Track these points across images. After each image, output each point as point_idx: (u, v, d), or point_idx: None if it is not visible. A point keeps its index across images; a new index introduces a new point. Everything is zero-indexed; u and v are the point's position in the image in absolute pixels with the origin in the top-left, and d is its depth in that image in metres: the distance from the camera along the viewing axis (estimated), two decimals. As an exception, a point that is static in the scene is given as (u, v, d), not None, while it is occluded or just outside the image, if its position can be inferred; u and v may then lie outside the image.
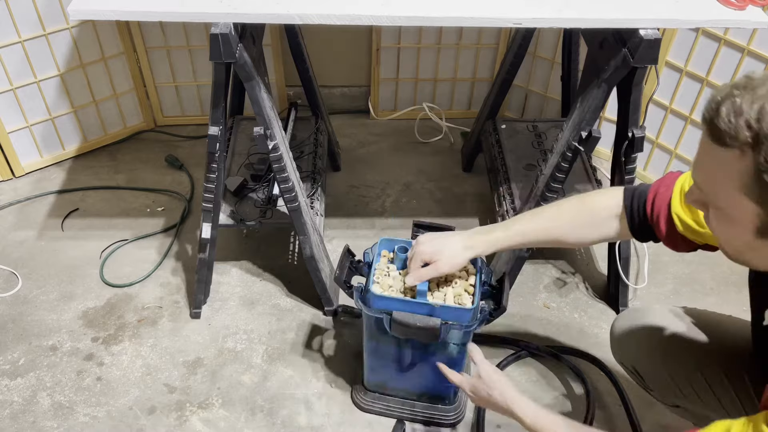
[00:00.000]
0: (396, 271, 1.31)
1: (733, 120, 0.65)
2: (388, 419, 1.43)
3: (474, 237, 1.15)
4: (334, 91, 2.37)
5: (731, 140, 0.66)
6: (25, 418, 1.43)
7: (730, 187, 0.69)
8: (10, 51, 1.90)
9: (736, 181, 0.68)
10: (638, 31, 1.23)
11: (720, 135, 0.67)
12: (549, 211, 1.13)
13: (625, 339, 1.17)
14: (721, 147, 0.68)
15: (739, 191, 0.69)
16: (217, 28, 1.19)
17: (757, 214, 0.69)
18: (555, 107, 2.24)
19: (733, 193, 0.69)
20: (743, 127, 0.65)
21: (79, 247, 1.84)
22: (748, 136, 0.65)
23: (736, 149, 0.66)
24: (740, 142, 0.65)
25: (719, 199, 0.73)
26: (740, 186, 0.68)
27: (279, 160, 1.40)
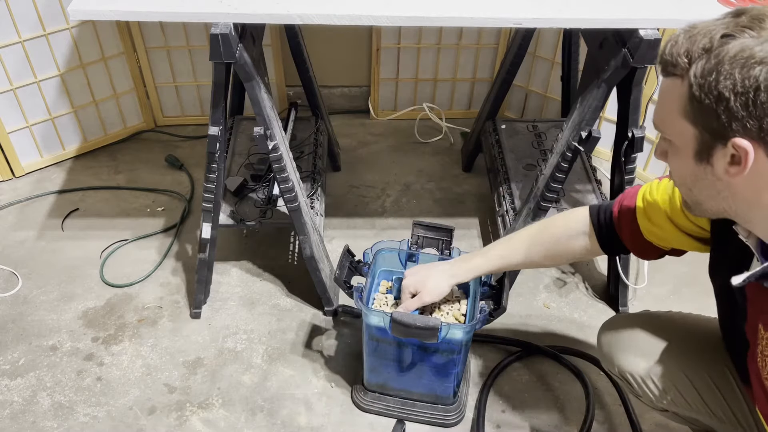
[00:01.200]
0: (394, 300, 1.38)
1: (674, 51, 0.74)
2: (388, 419, 1.43)
3: (455, 266, 1.25)
4: (334, 91, 2.37)
5: (672, 68, 0.75)
6: (25, 418, 1.43)
7: (674, 114, 0.77)
8: (10, 51, 1.90)
9: (677, 105, 0.76)
10: (638, 31, 1.23)
11: (665, 65, 0.76)
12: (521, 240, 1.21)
13: (612, 348, 1.18)
14: (666, 78, 0.77)
15: (679, 115, 0.76)
16: (217, 28, 1.19)
17: (695, 135, 0.76)
18: (555, 107, 2.24)
19: (676, 120, 0.77)
20: (681, 54, 0.74)
21: (79, 247, 1.84)
22: (685, 61, 0.73)
23: (677, 77, 0.75)
24: (680, 68, 0.74)
25: (668, 130, 0.80)
26: (680, 109, 0.76)
27: (279, 160, 1.40)
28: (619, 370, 1.16)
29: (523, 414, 1.45)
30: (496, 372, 1.52)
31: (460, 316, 1.32)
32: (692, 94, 0.73)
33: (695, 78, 0.72)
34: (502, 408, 1.46)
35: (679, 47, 0.74)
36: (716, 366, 1.07)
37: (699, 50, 0.72)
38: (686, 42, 0.74)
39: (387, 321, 1.22)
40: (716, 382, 1.07)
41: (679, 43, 0.74)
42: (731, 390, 1.05)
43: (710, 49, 0.71)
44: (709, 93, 0.71)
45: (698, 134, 0.75)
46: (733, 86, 0.69)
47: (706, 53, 0.72)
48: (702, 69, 0.71)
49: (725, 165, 0.74)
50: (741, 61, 0.69)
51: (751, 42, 0.69)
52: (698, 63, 0.72)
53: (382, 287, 1.41)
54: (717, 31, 0.72)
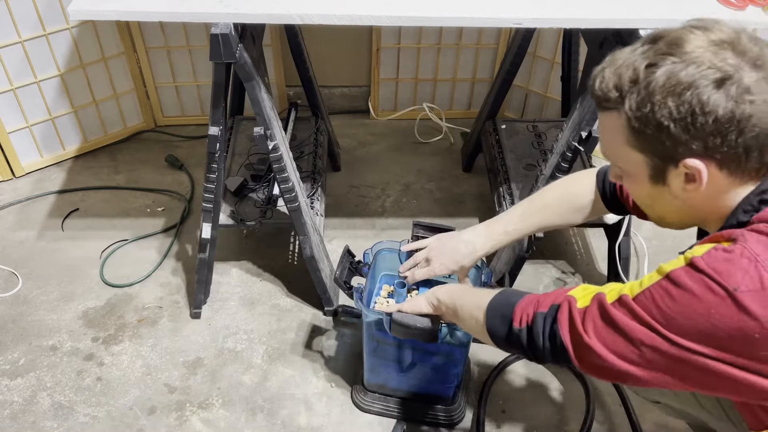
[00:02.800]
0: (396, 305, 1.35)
1: (603, 87, 0.77)
2: (388, 419, 1.43)
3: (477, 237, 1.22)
4: (334, 91, 2.37)
5: (606, 103, 0.77)
6: (25, 418, 1.43)
7: (619, 145, 0.79)
8: (10, 51, 1.90)
9: (621, 136, 0.78)
10: (638, 31, 1.23)
11: (598, 101, 0.78)
12: (536, 205, 1.22)
13: None
14: (603, 112, 0.79)
15: (625, 145, 0.78)
16: (217, 29, 1.19)
17: (645, 162, 0.78)
18: (555, 107, 2.24)
19: (623, 149, 0.79)
20: (611, 89, 0.76)
21: (79, 247, 1.84)
22: (617, 95, 0.75)
23: (613, 111, 0.77)
24: (613, 102, 0.76)
25: (618, 159, 0.82)
26: (625, 140, 0.78)
27: (279, 160, 1.40)
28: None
29: (523, 414, 1.45)
30: (496, 372, 1.52)
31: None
32: (632, 126, 0.75)
33: (631, 111, 0.74)
34: (502, 408, 1.46)
35: (608, 82, 0.76)
36: None
37: (627, 83, 0.74)
38: (613, 76, 0.76)
39: (387, 321, 1.22)
40: None
41: (606, 78, 0.77)
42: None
43: (638, 81, 0.74)
44: (648, 124, 0.74)
45: (648, 160, 0.78)
46: (669, 114, 0.71)
47: (635, 85, 0.74)
48: (636, 102, 0.74)
49: (681, 184, 0.77)
50: (670, 89, 0.71)
51: (675, 68, 0.71)
52: (630, 96, 0.74)
53: (383, 291, 1.41)
54: (639, 61, 0.74)
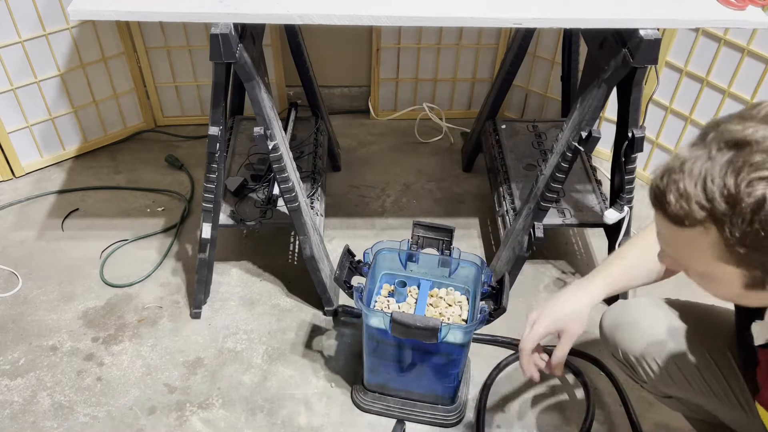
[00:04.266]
0: (396, 304, 1.38)
1: (685, 205, 0.67)
2: (388, 419, 1.43)
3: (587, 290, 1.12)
4: (334, 91, 2.37)
5: (690, 222, 0.68)
6: (25, 418, 1.43)
7: (706, 258, 0.71)
8: (10, 51, 1.90)
9: (710, 252, 0.70)
10: (638, 31, 1.23)
11: (678, 219, 0.69)
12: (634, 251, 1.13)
13: (614, 330, 1.18)
14: (683, 228, 0.70)
15: (716, 260, 0.70)
16: (217, 29, 1.19)
17: (741, 274, 0.71)
18: (555, 107, 2.24)
19: (710, 262, 0.71)
20: (697, 209, 0.67)
21: (79, 247, 1.84)
22: (705, 215, 0.67)
23: (698, 227, 0.68)
24: (699, 221, 0.68)
25: (699, 266, 0.74)
26: (716, 256, 0.70)
27: (279, 160, 1.40)
28: (622, 353, 1.16)
29: (523, 414, 1.45)
30: (496, 372, 1.52)
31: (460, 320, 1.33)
32: (730, 247, 0.67)
33: (732, 236, 0.66)
34: (502, 408, 1.46)
35: (689, 199, 0.67)
36: (719, 349, 1.07)
37: (722, 205, 0.65)
38: (695, 192, 0.66)
39: (387, 321, 1.22)
40: (719, 364, 1.07)
41: (685, 194, 0.67)
42: (733, 374, 1.06)
43: (737, 203, 0.64)
44: (758, 242, 0.65)
45: (746, 273, 0.71)
46: None
47: (734, 207, 0.65)
48: (739, 227, 0.65)
49: None
50: None
51: None
52: (729, 220, 0.65)
53: (384, 291, 1.41)
54: (731, 176, 0.64)
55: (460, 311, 1.34)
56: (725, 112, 1.82)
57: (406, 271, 1.41)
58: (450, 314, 1.33)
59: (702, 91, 1.87)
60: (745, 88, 1.78)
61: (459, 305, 1.36)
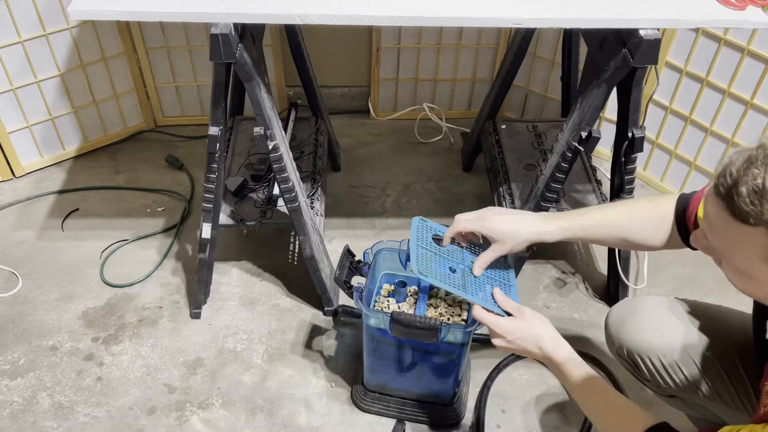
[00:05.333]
0: (396, 304, 1.37)
1: (757, 202, 0.64)
2: (388, 419, 1.43)
3: (546, 223, 1.11)
4: (334, 91, 2.37)
5: (756, 220, 0.65)
6: (25, 418, 1.43)
7: (752, 257, 0.69)
8: (10, 51, 1.90)
9: (761, 252, 0.67)
10: (638, 31, 1.23)
11: (742, 214, 0.66)
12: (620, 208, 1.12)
13: (620, 328, 1.18)
14: (743, 224, 0.67)
15: (762, 261, 0.68)
16: (217, 29, 1.19)
17: None
18: (555, 107, 2.24)
19: (755, 262, 0.69)
20: (764, 211, 0.64)
21: (79, 247, 1.84)
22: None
23: (761, 227, 0.65)
24: (765, 222, 0.64)
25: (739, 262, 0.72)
26: (763, 257, 0.67)
27: (279, 160, 1.40)
28: (627, 350, 1.16)
29: (522, 414, 1.45)
30: (496, 372, 1.52)
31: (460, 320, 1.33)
32: None
33: None
34: (502, 408, 1.46)
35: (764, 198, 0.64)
36: (724, 352, 1.07)
37: None
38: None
39: (387, 321, 1.22)
40: (724, 366, 1.07)
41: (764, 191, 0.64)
42: (738, 376, 1.05)
43: None
44: None
45: None
46: None
47: None
48: None
49: None
50: None
51: None
52: None
53: (384, 291, 1.41)
54: None
55: (459, 311, 1.34)
56: (725, 112, 1.85)
57: (406, 271, 1.41)
58: (450, 314, 1.33)
59: (702, 91, 1.87)
60: (745, 88, 1.78)
61: (459, 305, 1.36)
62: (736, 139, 1.85)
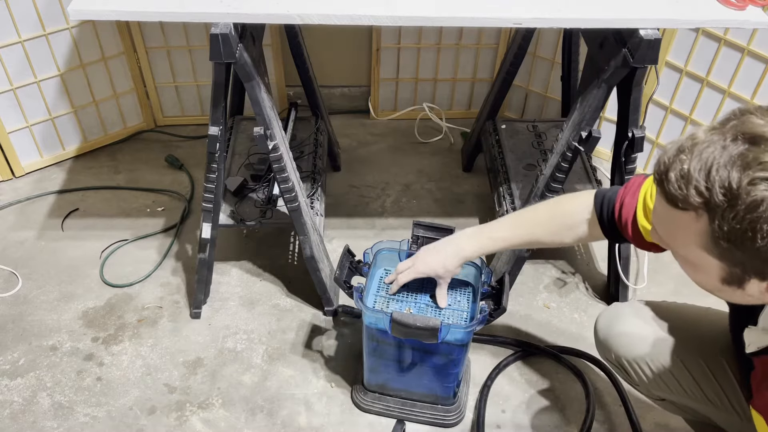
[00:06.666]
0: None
1: (683, 186, 0.66)
2: (388, 419, 1.43)
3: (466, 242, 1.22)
4: (334, 91, 2.37)
5: (684, 204, 0.67)
6: (25, 418, 1.43)
7: (690, 243, 0.71)
8: (10, 51, 1.90)
9: (695, 239, 0.70)
10: (638, 31, 1.23)
11: (673, 199, 0.68)
12: (527, 217, 1.20)
13: (608, 334, 1.19)
14: (675, 209, 0.69)
15: (699, 248, 0.70)
16: (217, 29, 1.19)
17: (720, 267, 0.71)
18: (555, 107, 2.24)
19: (694, 249, 0.71)
20: (694, 194, 0.66)
21: (79, 247, 1.84)
22: (700, 201, 0.66)
23: (691, 212, 0.68)
24: (693, 206, 0.67)
25: (682, 250, 0.74)
26: (700, 244, 0.70)
27: (279, 160, 1.40)
28: (615, 356, 1.16)
29: (523, 414, 1.45)
30: (496, 372, 1.52)
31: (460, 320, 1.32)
32: (716, 238, 0.67)
33: (720, 229, 0.65)
34: (502, 408, 1.46)
35: (689, 183, 0.66)
36: (712, 354, 1.07)
37: (720, 196, 0.64)
38: (697, 179, 0.65)
39: (387, 321, 1.22)
40: (712, 369, 1.07)
41: (687, 177, 0.66)
42: (727, 379, 1.06)
43: (736, 198, 0.63)
44: (741, 245, 0.65)
45: (726, 267, 0.70)
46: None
47: (731, 201, 0.63)
48: (729, 221, 0.64)
49: (761, 291, 0.70)
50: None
51: None
52: (722, 213, 0.64)
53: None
54: (736, 172, 0.63)
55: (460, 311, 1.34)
56: (725, 112, 1.84)
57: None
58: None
59: (702, 91, 1.87)
60: (745, 88, 1.78)
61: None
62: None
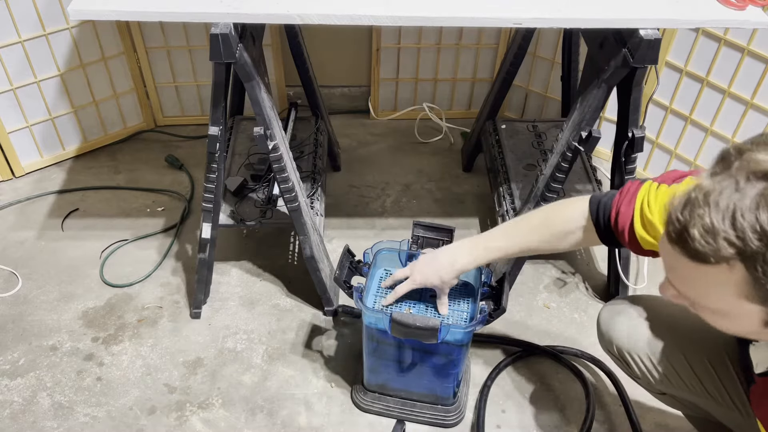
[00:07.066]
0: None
1: (711, 241, 0.63)
2: (388, 419, 1.43)
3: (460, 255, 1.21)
4: (334, 91, 2.37)
5: (716, 259, 0.64)
6: (25, 418, 1.43)
7: (725, 295, 0.68)
8: (10, 51, 1.90)
9: (732, 290, 0.66)
10: (638, 31, 1.23)
11: (701, 256, 0.65)
12: (521, 226, 1.19)
13: (610, 325, 1.19)
14: (705, 265, 0.66)
15: (737, 297, 0.67)
16: (217, 29, 1.19)
17: (763, 311, 0.67)
18: (555, 107, 2.24)
19: (731, 300, 0.68)
20: (725, 246, 0.63)
21: (79, 247, 1.84)
22: (733, 252, 0.63)
23: (722, 264, 0.64)
24: (725, 258, 0.64)
25: (714, 303, 0.71)
26: (739, 293, 0.66)
27: (279, 160, 1.40)
28: (617, 348, 1.16)
29: (523, 414, 1.45)
30: (496, 372, 1.52)
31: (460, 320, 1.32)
32: (760, 282, 0.63)
33: (764, 269, 0.62)
34: (502, 408, 1.46)
35: (716, 235, 0.63)
36: (715, 351, 1.07)
37: (753, 240, 0.61)
38: (723, 228, 0.62)
39: (387, 321, 1.22)
40: (714, 364, 1.07)
41: (712, 230, 0.63)
42: (729, 375, 1.06)
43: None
44: None
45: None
46: None
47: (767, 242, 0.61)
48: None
49: None
50: None
51: None
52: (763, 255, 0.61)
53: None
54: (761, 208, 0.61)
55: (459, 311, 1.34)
56: (725, 112, 1.85)
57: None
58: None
59: (702, 91, 1.87)
60: (745, 88, 1.78)
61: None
62: (736, 139, 1.85)
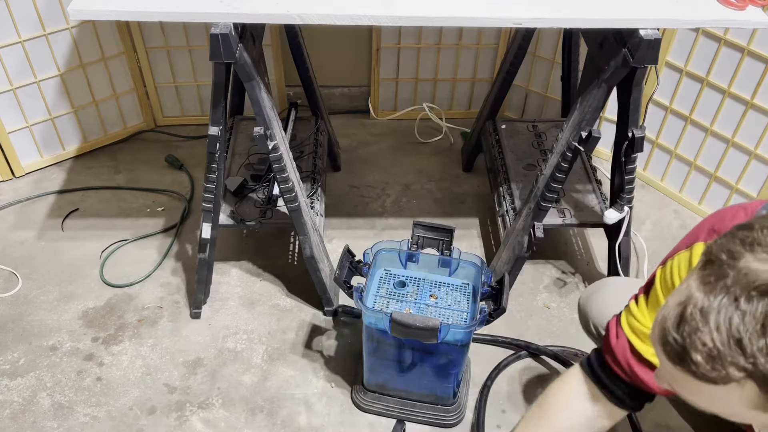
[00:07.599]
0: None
1: (719, 367, 0.60)
2: (388, 419, 1.43)
3: None
4: (334, 91, 2.37)
5: (725, 381, 0.61)
6: (25, 418, 1.43)
7: (736, 407, 0.65)
8: (10, 51, 1.90)
9: (744, 402, 0.63)
10: (638, 31, 1.23)
11: (709, 380, 0.62)
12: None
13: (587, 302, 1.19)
14: (712, 385, 0.62)
15: (747, 409, 0.64)
16: (217, 29, 1.19)
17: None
18: (555, 107, 2.24)
19: (741, 410, 0.65)
20: (734, 371, 0.60)
21: (79, 247, 1.84)
22: (741, 375, 0.60)
23: (731, 383, 0.61)
24: (735, 379, 0.60)
25: (720, 411, 0.68)
26: (750, 405, 0.63)
27: (279, 160, 1.40)
28: (594, 324, 1.16)
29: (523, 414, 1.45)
30: (496, 372, 1.52)
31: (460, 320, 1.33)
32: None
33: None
34: (502, 408, 1.46)
35: (724, 361, 0.59)
36: None
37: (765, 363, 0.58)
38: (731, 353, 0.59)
39: (387, 321, 1.22)
40: None
41: (720, 355, 0.59)
42: None
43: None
44: None
45: None
46: None
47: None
48: None
49: None
50: None
51: None
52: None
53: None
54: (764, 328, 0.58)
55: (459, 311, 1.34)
56: (725, 112, 1.85)
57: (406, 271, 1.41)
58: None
59: (702, 91, 1.87)
60: (745, 88, 1.78)
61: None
62: (736, 139, 1.85)
